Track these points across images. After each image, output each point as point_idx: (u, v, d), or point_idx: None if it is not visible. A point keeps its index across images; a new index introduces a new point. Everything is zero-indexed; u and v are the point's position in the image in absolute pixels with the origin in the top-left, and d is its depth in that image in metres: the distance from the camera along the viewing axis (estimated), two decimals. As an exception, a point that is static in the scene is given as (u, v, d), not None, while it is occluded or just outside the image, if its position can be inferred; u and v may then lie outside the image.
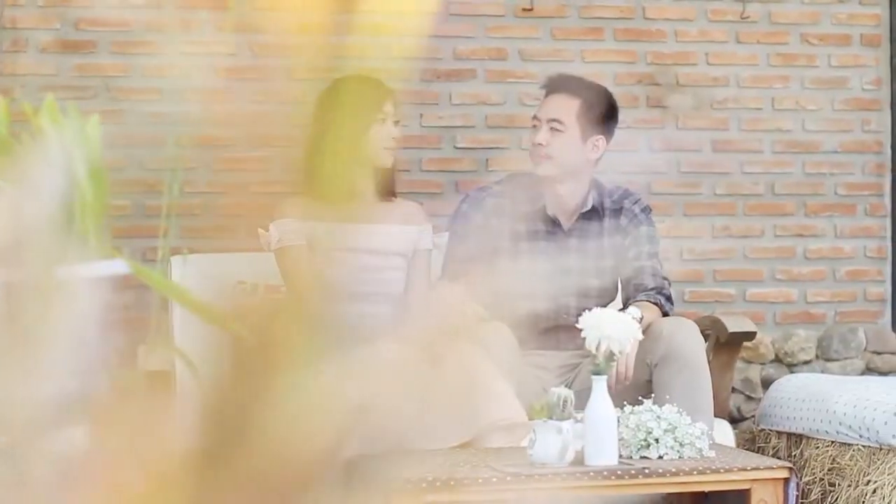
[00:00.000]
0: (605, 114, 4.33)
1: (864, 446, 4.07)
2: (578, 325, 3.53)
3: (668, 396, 3.93)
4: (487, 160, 4.87)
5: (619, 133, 5.00)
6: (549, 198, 4.36)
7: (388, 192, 4.30)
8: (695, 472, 3.47)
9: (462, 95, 4.93)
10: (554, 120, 4.27)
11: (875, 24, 5.21)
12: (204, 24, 4.76)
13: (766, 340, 5.08)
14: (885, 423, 3.97)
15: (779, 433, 4.45)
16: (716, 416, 4.34)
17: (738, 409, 5.04)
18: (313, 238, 4.00)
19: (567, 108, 4.27)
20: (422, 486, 3.35)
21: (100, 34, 4.72)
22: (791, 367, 5.07)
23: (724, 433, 4.22)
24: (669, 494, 3.97)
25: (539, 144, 4.27)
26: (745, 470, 3.51)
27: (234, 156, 4.88)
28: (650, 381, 4.13)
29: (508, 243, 4.35)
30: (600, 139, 4.30)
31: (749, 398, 5.01)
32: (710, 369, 4.38)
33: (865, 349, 5.16)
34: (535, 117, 4.33)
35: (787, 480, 3.53)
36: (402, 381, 3.86)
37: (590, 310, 3.61)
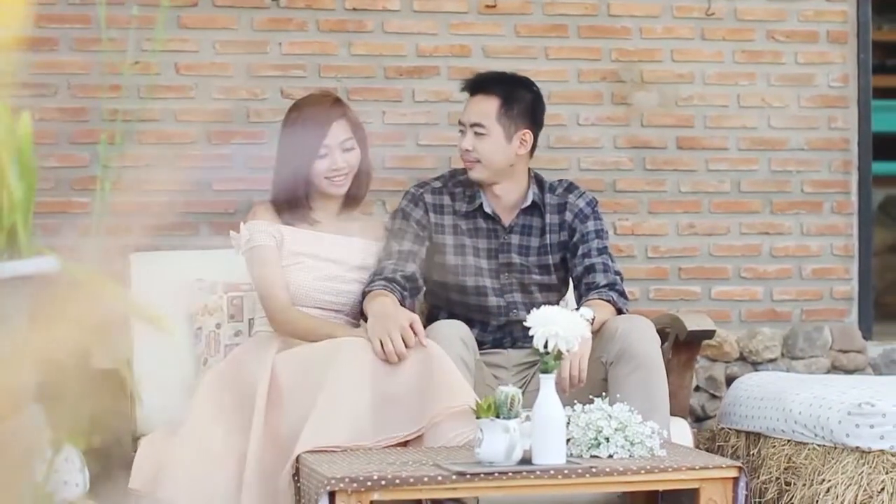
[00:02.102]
0: (529, 106, 4.30)
1: (818, 445, 4.05)
2: (526, 324, 3.51)
3: (618, 395, 3.91)
4: (451, 158, 4.85)
5: (584, 130, 5.00)
6: (487, 195, 4.34)
7: (353, 205, 4.30)
8: (642, 472, 3.46)
9: (425, 93, 4.91)
10: (476, 124, 4.25)
11: (842, 21, 5.19)
12: (167, 20, 4.75)
13: (730, 339, 5.06)
14: (839, 422, 3.95)
15: (738, 432, 4.44)
16: (676, 414, 4.32)
17: (703, 408, 5.02)
18: (280, 241, 4.04)
19: (486, 110, 4.25)
20: (367, 485, 3.34)
21: (60, 31, 4.70)
22: (756, 366, 5.05)
23: (682, 432, 4.21)
24: (625, 493, 3.96)
25: (466, 150, 4.26)
26: (693, 469, 3.49)
27: (196, 153, 4.83)
28: (606, 380, 4.11)
29: (448, 240, 4.33)
30: (527, 133, 4.28)
31: (713, 397, 4.99)
32: (670, 368, 4.36)
33: (831, 347, 5.14)
34: (460, 122, 4.32)
35: (736, 480, 3.51)
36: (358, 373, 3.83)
37: (538, 306, 3.59)
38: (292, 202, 4.22)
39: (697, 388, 5.05)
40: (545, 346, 3.47)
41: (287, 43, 4.83)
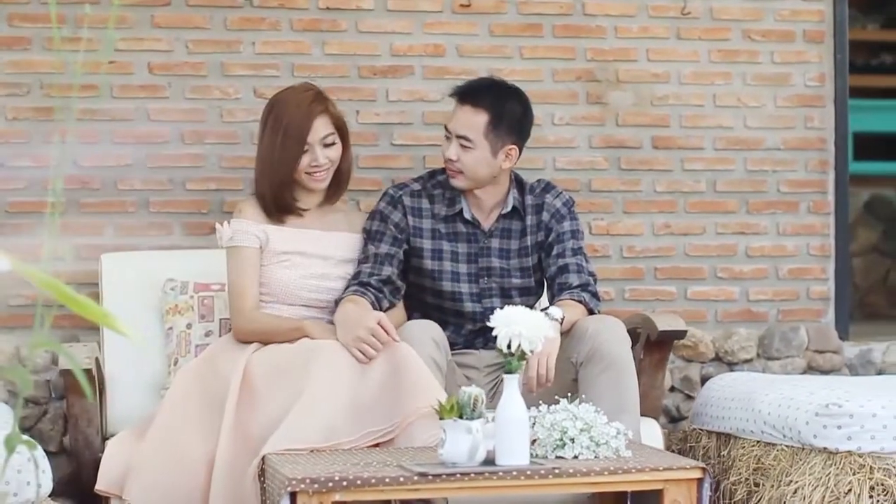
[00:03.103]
0: (518, 121, 4.27)
1: (787, 446, 4.04)
2: (490, 324, 3.49)
3: (583, 395, 3.90)
4: (425, 157, 4.84)
5: (559, 130, 4.99)
6: (467, 199, 4.32)
7: (333, 199, 4.30)
8: (605, 473, 3.45)
9: (399, 92, 4.90)
10: (462, 137, 4.22)
11: (819, 20, 5.17)
12: (139, 20, 4.74)
13: (706, 339, 5.04)
14: (807, 423, 3.94)
15: (709, 433, 4.42)
16: (647, 415, 4.31)
17: (678, 409, 5.00)
18: (266, 240, 4.04)
19: (474, 124, 4.22)
20: (328, 486, 3.33)
21: (33, 30, 4.69)
22: (732, 366, 5.03)
23: (653, 432, 4.20)
24: (595, 494, 3.94)
25: (450, 160, 4.24)
26: (657, 470, 3.48)
27: (169, 153, 4.83)
28: (576, 381, 4.10)
29: (426, 244, 4.31)
30: (513, 149, 4.26)
31: (688, 397, 4.97)
32: (642, 368, 4.36)
33: (807, 348, 5.12)
34: (446, 128, 4.29)
35: (700, 481, 3.50)
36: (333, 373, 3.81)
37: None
38: (277, 197, 4.21)
39: (673, 389, 5.04)
40: (508, 347, 3.45)
41: (260, 42, 4.82)
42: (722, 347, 5.05)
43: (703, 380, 4.90)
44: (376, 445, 3.82)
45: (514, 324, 3.45)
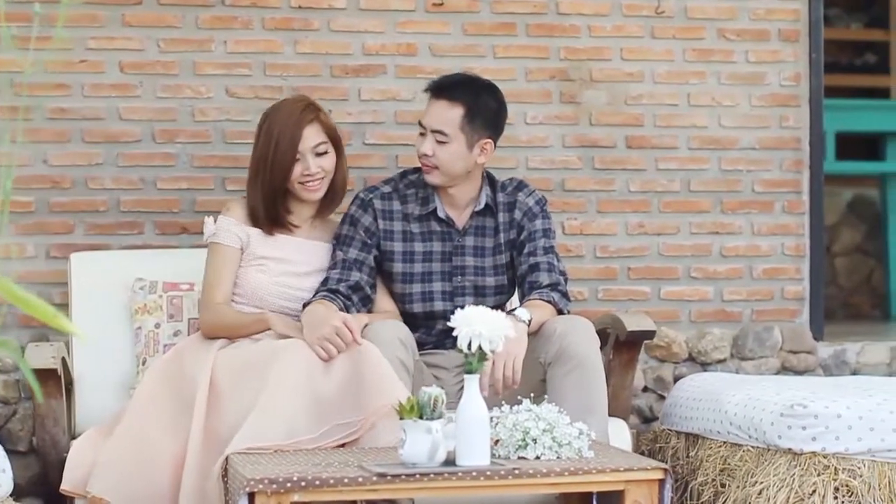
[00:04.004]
0: (493, 115, 4.26)
1: (753, 447, 4.02)
2: (450, 324, 3.48)
3: (547, 396, 3.89)
4: (398, 157, 4.83)
5: (532, 129, 4.97)
6: (441, 197, 4.31)
7: (328, 210, 4.30)
8: (566, 473, 3.43)
9: (372, 91, 4.88)
10: (437, 131, 4.21)
11: (794, 19, 5.15)
12: (111, 19, 4.72)
13: (679, 339, 5.03)
14: (772, 423, 3.92)
15: (678, 433, 4.41)
16: (617, 415, 4.30)
17: (651, 409, 4.98)
18: (247, 242, 4.04)
19: (449, 118, 4.20)
20: (286, 486, 3.32)
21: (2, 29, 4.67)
22: (705, 367, 5.01)
23: (621, 433, 4.18)
24: (561, 495, 3.93)
25: (425, 155, 4.23)
26: (618, 471, 3.46)
27: (141, 152, 4.81)
28: (545, 381, 4.08)
29: (397, 246, 4.30)
30: (488, 143, 4.24)
31: (662, 397, 4.96)
32: (611, 368, 4.34)
33: (781, 348, 5.10)
34: (421, 123, 4.27)
35: (662, 482, 3.48)
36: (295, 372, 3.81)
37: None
38: (269, 208, 4.20)
39: (646, 389, 5.02)
40: (469, 347, 3.44)
41: (232, 41, 4.80)
42: (695, 347, 5.03)
43: (677, 380, 4.88)
44: (342, 446, 3.81)
45: (474, 323, 3.44)
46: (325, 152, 4.20)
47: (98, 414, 4.28)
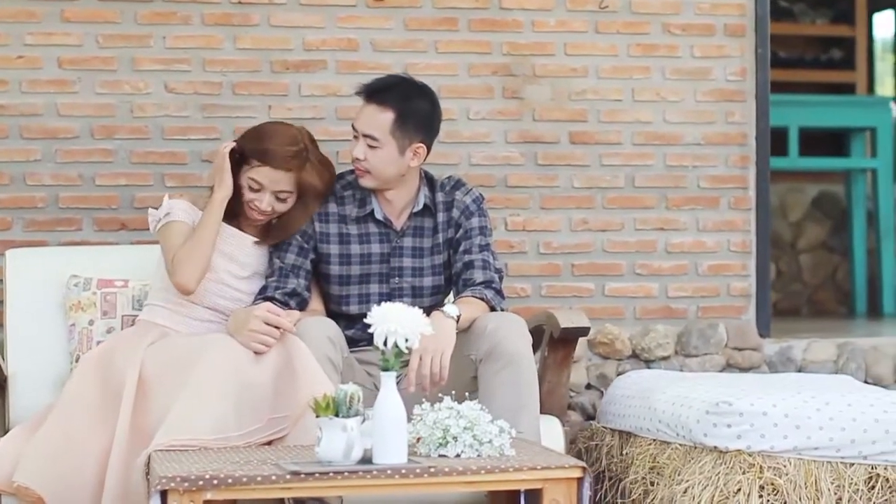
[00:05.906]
0: (425, 118, 4.21)
1: (680, 445, 4.00)
2: (367, 320, 3.45)
3: (469, 393, 3.86)
4: (338, 153, 4.79)
5: (474, 125, 4.94)
6: (378, 199, 4.28)
7: (269, 239, 4.26)
8: (482, 472, 3.40)
9: (312, 87, 4.86)
10: (368, 136, 4.17)
11: (740, 14, 5.12)
12: (49, 14, 4.70)
13: (622, 336, 5.00)
14: (698, 421, 3.89)
15: (612, 431, 4.38)
16: (552, 413, 4.27)
17: (594, 406, 4.95)
18: (196, 223, 3.97)
19: (380, 123, 4.16)
20: (199, 484, 3.29)
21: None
22: (649, 364, 4.99)
23: (554, 431, 4.15)
24: (489, 493, 3.90)
25: (357, 159, 4.19)
26: (535, 469, 3.43)
27: (79, 148, 4.75)
28: (476, 378, 4.06)
29: (333, 249, 4.27)
30: (421, 147, 4.20)
31: (604, 395, 4.93)
32: (546, 366, 4.31)
33: (726, 345, 5.08)
34: (353, 127, 4.23)
35: (581, 480, 3.45)
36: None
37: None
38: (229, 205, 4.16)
39: (589, 386, 4.99)
40: (385, 343, 3.41)
41: (171, 36, 4.77)
42: (639, 344, 5.00)
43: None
44: (269, 443, 3.79)
45: (390, 321, 3.40)
46: (285, 200, 4.17)
47: (32, 411, 4.25)
